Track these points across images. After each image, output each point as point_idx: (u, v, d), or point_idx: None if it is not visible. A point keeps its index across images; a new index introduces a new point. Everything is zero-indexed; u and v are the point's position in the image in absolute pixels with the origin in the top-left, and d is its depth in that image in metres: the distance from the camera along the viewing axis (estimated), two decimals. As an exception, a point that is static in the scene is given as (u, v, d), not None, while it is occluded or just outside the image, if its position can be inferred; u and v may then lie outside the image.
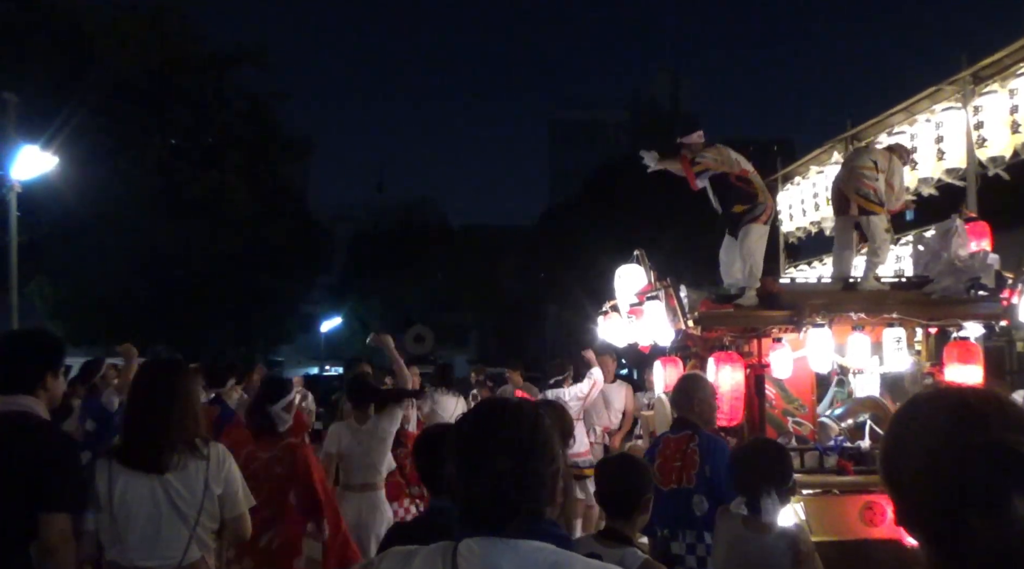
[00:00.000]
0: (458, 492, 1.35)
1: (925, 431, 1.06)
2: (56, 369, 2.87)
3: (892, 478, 1.09)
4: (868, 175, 5.28)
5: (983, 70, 6.24)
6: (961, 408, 1.06)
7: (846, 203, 5.44)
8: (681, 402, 3.96)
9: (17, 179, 11.59)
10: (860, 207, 5.32)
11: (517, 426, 1.36)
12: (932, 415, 1.08)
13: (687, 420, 3.89)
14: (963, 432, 1.02)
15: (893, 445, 1.11)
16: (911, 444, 1.07)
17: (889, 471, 1.10)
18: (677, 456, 3.77)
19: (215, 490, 3.00)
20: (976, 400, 1.07)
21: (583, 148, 60.30)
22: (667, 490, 3.70)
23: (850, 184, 5.37)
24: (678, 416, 3.98)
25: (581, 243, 25.64)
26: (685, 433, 3.82)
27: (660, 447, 3.93)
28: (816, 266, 9.29)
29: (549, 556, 1.30)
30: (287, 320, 25.70)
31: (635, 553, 2.47)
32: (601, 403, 7.87)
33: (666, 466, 3.79)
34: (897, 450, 1.09)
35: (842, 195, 5.49)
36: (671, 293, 4.97)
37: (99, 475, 2.88)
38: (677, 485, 3.71)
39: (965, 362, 4.86)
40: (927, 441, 1.04)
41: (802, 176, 9.36)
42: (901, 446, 1.09)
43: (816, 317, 4.78)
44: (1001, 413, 1.04)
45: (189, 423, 2.96)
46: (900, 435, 1.11)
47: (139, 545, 2.90)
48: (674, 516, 3.66)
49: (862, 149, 5.80)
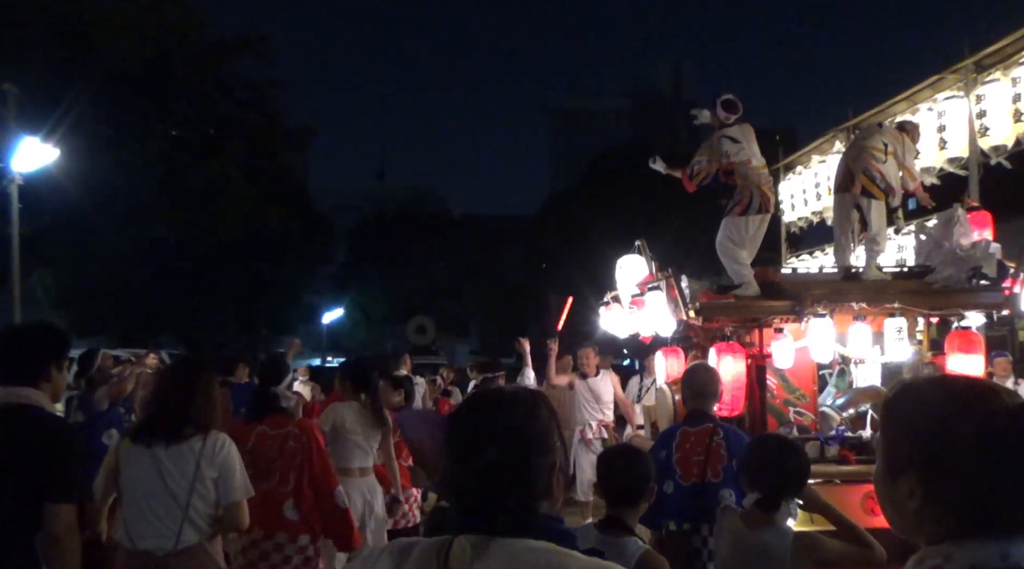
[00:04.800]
0: (450, 484, 1.32)
1: (943, 404, 1.12)
2: (61, 362, 2.90)
3: (929, 441, 1.11)
4: (877, 157, 5.24)
5: (985, 59, 6.22)
6: (966, 383, 1.16)
7: (850, 180, 5.34)
8: (698, 394, 3.83)
9: (18, 171, 11.59)
10: (863, 187, 5.28)
11: (511, 415, 1.31)
12: (965, 390, 1.14)
13: (704, 412, 3.80)
14: (982, 400, 1.10)
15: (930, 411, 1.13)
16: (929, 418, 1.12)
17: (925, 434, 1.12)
18: (699, 450, 3.65)
19: (208, 473, 3.06)
20: (973, 380, 1.20)
21: (584, 136, 60.21)
22: (688, 485, 3.61)
23: (858, 162, 5.32)
24: (694, 408, 3.85)
25: (582, 231, 25.63)
26: (705, 426, 3.72)
27: (678, 441, 3.77)
28: (818, 255, 9.29)
29: (542, 557, 1.24)
30: (289, 310, 25.71)
31: (637, 543, 2.49)
32: (591, 398, 7.66)
33: (686, 460, 3.66)
34: (936, 412, 1.12)
35: (848, 171, 5.39)
36: (672, 284, 4.97)
37: (112, 454, 3.16)
38: (700, 479, 3.60)
39: (967, 351, 4.86)
40: (945, 411, 1.11)
41: (804, 165, 9.34)
42: (936, 409, 1.13)
43: (817, 307, 4.78)
44: (997, 387, 1.16)
45: (206, 412, 3.15)
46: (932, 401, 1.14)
47: (135, 523, 3.01)
48: (695, 510, 3.56)
49: (874, 128, 5.71)
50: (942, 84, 6.67)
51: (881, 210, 5.37)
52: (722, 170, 5.10)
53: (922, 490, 1.11)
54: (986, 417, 1.08)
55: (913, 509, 1.12)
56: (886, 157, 5.24)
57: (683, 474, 3.65)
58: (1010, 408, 1.09)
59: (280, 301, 24.47)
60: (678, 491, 3.66)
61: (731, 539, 2.82)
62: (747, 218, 5.02)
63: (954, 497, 1.09)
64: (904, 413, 1.17)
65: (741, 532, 2.78)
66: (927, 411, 1.13)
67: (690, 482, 3.64)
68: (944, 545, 1.09)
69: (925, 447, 1.11)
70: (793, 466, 2.79)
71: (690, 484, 3.63)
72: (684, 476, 3.65)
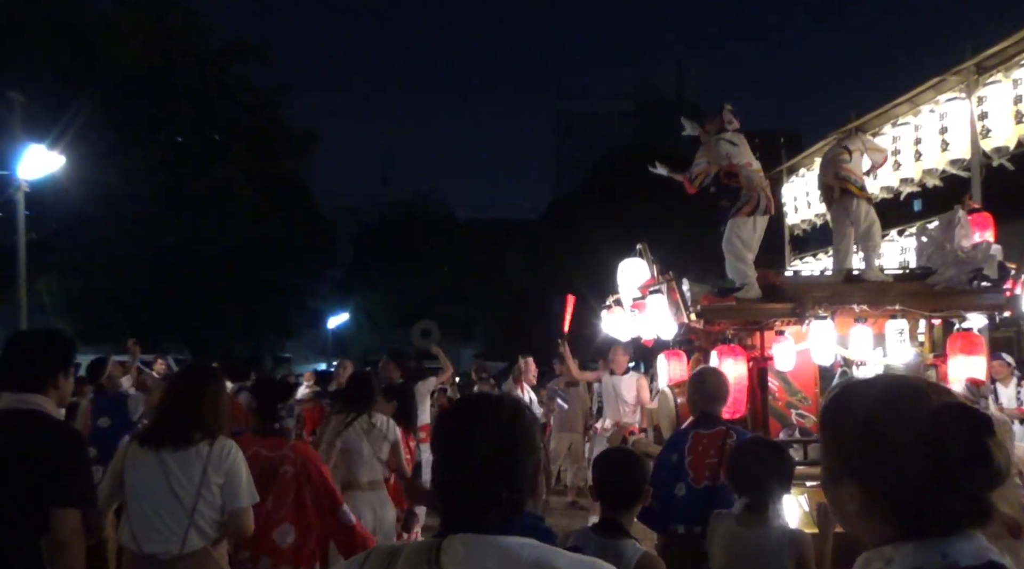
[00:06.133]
0: (440, 483, 1.35)
1: (875, 407, 1.13)
2: (67, 369, 2.93)
3: (860, 446, 1.12)
4: (844, 160, 5.39)
5: (987, 60, 6.22)
6: (897, 385, 1.17)
7: (829, 191, 5.53)
8: (709, 397, 3.83)
9: (24, 178, 11.66)
10: (841, 190, 5.38)
11: (498, 416, 1.36)
12: (890, 392, 1.15)
13: (715, 415, 3.81)
14: (913, 403, 1.11)
15: (857, 415, 1.14)
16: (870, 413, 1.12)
17: (855, 439, 1.13)
18: (712, 452, 3.64)
19: (214, 479, 3.07)
20: (904, 381, 1.20)
21: (588, 139, 60.15)
22: (700, 487, 3.60)
23: (829, 173, 5.50)
24: (705, 411, 3.85)
25: (586, 235, 25.64)
26: (719, 429, 3.72)
27: (690, 443, 3.75)
28: (822, 258, 9.28)
29: (532, 552, 1.27)
30: (293, 315, 25.75)
31: (635, 545, 2.49)
32: (615, 395, 7.86)
33: (699, 463, 3.64)
34: (863, 417, 1.13)
35: (826, 186, 5.60)
36: (674, 287, 4.98)
37: (122, 459, 3.15)
38: (711, 482, 3.58)
39: (968, 353, 4.87)
40: (876, 415, 1.11)
41: (807, 168, 9.34)
42: (863, 413, 1.13)
43: (819, 309, 4.78)
44: (929, 388, 1.16)
45: (214, 419, 3.17)
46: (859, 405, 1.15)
47: (141, 527, 3.02)
48: (707, 513, 3.47)
49: (833, 143, 5.97)
50: (944, 86, 6.66)
51: (865, 207, 5.41)
52: (723, 172, 5.14)
53: (860, 494, 1.11)
54: (916, 419, 1.08)
55: (854, 513, 1.13)
56: (851, 157, 5.39)
57: (695, 477, 3.64)
58: (939, 409, 1.09)
59: (285, 306, 24.54)
60: (689, 493, 3.64)
61: (726, 542, 2.84)
62: (755, 218, 5.08)
63: (891, 500, 1.09)
64: (839, 418, 1.18)
65: (736, 534, 2.80)
66: (859, 416, 1.13)
67: (702, 485, 3.62)
68: (885, 548, 1.10)
69: (860, 452, 1.12)
70: (775, 469, 2.82)
71: (702, 486, 3.62)
72: (696, 478, 3.64)
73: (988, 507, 1.08)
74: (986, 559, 1.06)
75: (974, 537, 1.09)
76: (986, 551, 1.08)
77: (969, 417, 1.08)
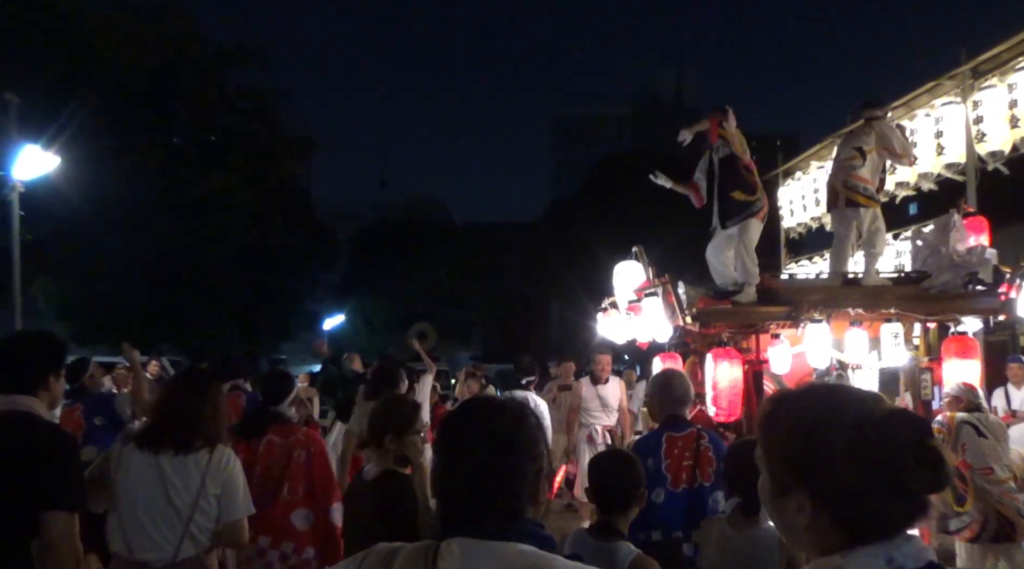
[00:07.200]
0: (439, 486, 1.34)
1: (810, 416, 1.14)
2: (58, 371, 2.91)
3: (805, 456, 1.12)
4: (854, 165, 5.35)
5: (982, 65, 6.24)
6: (830, 393, 1.19)
7: (835, 197, 5.50)
8: (679, 400, 3.81)
9: (19, 179, 11.64)
10: (847, 200, 5.36)
11: (500, 420, 1.34)
12: (831, 400, 1.16)
13: (684, 417, 3.79)
14: (846, 409, 1.13)
15: (800, 426, 1.15)
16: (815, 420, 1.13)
17: (800, 449, 1.13)
18: (688, 455, 3.60)
19: (212, 490, 3.04)
20: (837, 389, 1.22)
21: (586, 144, 60.16)
22: (679, 490, 3.57)
23: (838, 177, 5.47)
24: (674, 413, 3.80)
25: (584, 239, 25.64)
26: (690, 430, 3.69)
27: (664, 447, 3.68)
28: (817, 261, 9.30)
29: (530, 559, 1.26)
30: (291, 318, 25.71)
31: (629, 547, 2.49)
32: (600, 403, 7.81)
33: (676, 466, 3.61)
34: (806, 428, 1.14)
35: (833, 189, 5.58)
36: (669, 289, 4.99)
37: (112, 462, 3.07)
38: (689, 485, 3.55)
39: (963, 356, 4.87)
40: (813, 424, 1.12)
41: (803, 171, 9.37)
42: (806, 424, 1.14)
43: (814, 313, 4.79)
44: (862, 394, 1.18)
45: (214, 425, 3.15)
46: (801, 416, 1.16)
47: (135, 534, 2.99)
48: (687, 516, 3.51)
49: (847, 136, 5.81)
50: (939, 90, 6.69)
51: (872, 214, 5.40)
52: (743, 163, 5.17)
53: (811, 504, 1.11)
54: (851, 426, 1.10)
55: (803, 524, 1.12)
56: (863, 160, 5.32)
57: (674, 480, 3.61)
58: (874, 414, 1.10)
59: (282, 309, 24.49)
60: (668, 498, 3.60)
61: (719, 544, 2.83)
62: (761, 224, 5.20)
63: (836, 508, 1.10)
64: (780, 429, 1.18)
65: (728, 536, 2.79)
66: (804, 426, 1.14)
67: (681, 488, 3.59)
68: (834, 557, 1.09)
69: (802, 462, 1.12)
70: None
71: (681, 490, 3.59)
72: (675, 482, 3.61)
73: (926, 507, 1.10)
74: (926, 560, 1.08)
75: (913, 538, 1.11)
76: (925, 551, 1.10)
77: (916, 423, 1.10)
